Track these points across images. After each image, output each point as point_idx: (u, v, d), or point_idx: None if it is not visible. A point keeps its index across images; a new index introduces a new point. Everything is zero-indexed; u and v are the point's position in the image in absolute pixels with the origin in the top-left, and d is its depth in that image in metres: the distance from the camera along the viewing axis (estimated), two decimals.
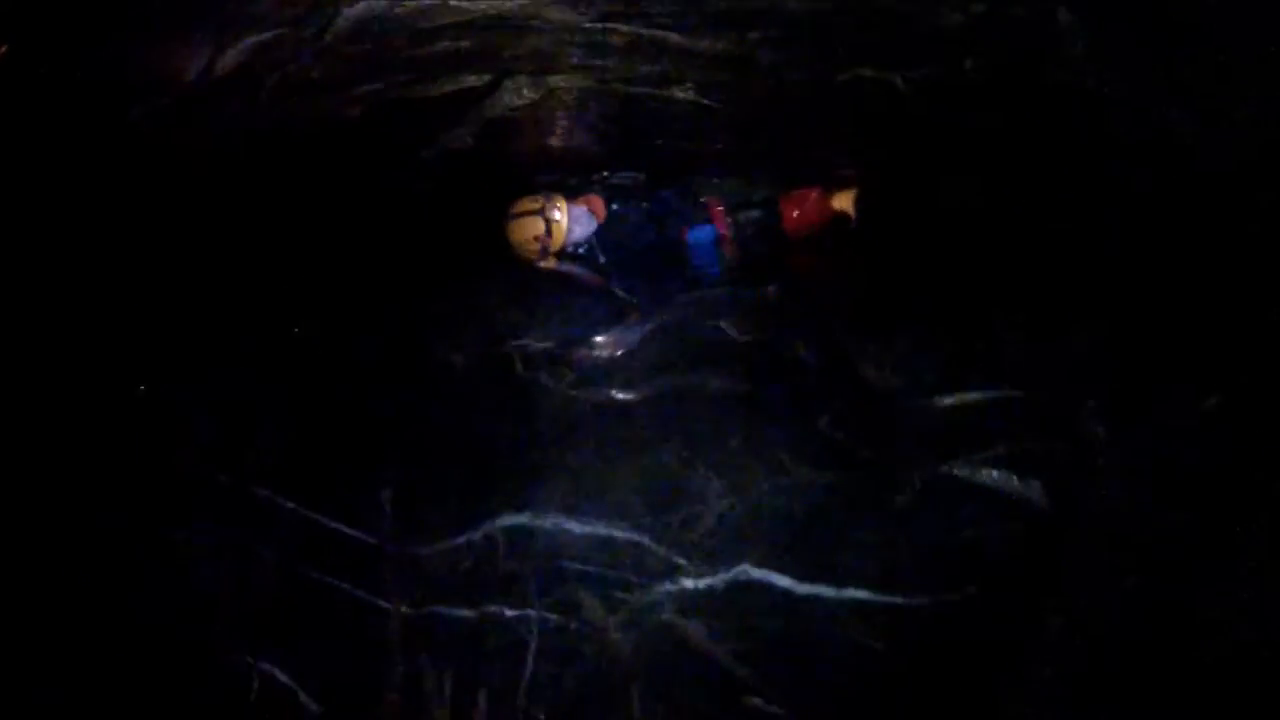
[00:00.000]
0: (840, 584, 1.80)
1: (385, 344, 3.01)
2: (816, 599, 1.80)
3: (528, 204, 3.50)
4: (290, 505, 2.35)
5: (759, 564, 1.88)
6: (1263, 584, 1.66)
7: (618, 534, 2.06)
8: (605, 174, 3.73)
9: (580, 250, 3.57)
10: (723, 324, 2.72)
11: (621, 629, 1.89)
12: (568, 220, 3.46)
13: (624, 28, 2.52)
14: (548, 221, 3.43)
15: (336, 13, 2.36)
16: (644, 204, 3.74)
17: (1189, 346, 2.10)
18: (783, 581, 1.84)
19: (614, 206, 3.70)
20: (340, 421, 2.65)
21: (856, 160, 3.29)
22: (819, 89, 2.77)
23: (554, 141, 3.43)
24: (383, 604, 2.12)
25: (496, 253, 3.37)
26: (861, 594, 1.78)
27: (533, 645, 1.91)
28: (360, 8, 2.35)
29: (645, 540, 2.03)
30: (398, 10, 2.37)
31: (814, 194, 3.56)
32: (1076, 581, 1.78)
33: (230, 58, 2.35)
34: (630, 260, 3.58)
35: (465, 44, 2.61)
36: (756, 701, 1.66)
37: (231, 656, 1.98)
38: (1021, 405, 2.14)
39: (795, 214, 3.60)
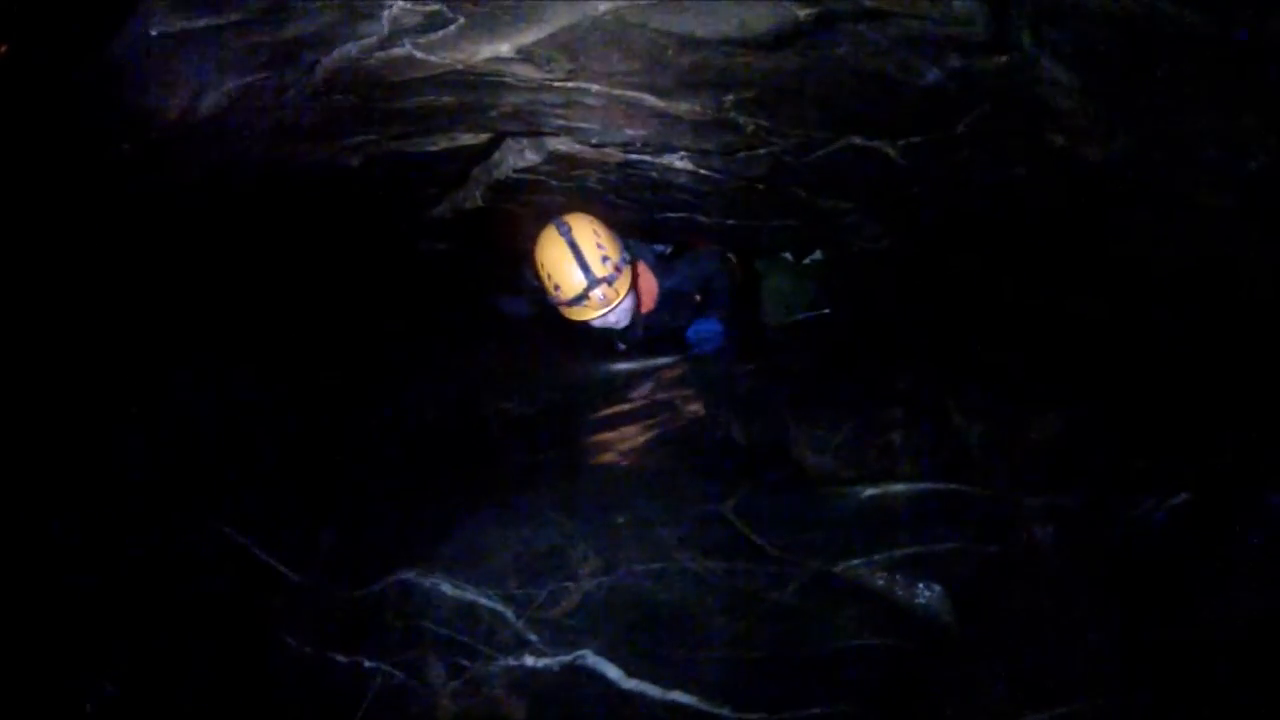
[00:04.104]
0: (668, 684, 1.62)
1: (367, 392, 3.02)
2: (638, 697, 1.63)
3: (592, 255, 2.88)
4: (239, 538, 2.36)
5: (600, 650, 1.74)
6: None
7: (483, 601, 1.96)
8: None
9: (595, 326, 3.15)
10: (676, 397, 2.57)
11: (452, 696, 1.79)
12: (612, 315, 2.99)
13: (595, 87, 2.47)
14: (587, 296, 2.87)
15: (315, 60, 2.42)
16: (696, 294, 3.36)
17: (1157, 444, 1.84)
18: (613, 672, 1.69)
19: (665, 286, 3.29)
20: (306, 460, 2.66)
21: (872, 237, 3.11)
22: (811, 159, 2.64)
23: (566, 206, 3.39)
24: (289, 641, 2.08)
25: (500, 315, 3.35)
26: (686, 699, 1.59)
27: (368, 698, 1.83)
28: (335, 56, 2.41)
29: (507, 612, 1.92)
30: (368, 61, 2.41)
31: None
32: (961, 716, 1.53)
33: (212, 99, 2.44)
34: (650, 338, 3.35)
35: (450, 99, 2.63)
36: None
37: (118, 672, 1.95)
38: (952, 499, 1.92)
39: None
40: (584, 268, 2.89)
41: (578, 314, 2.99)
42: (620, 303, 2.98)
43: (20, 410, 2.47)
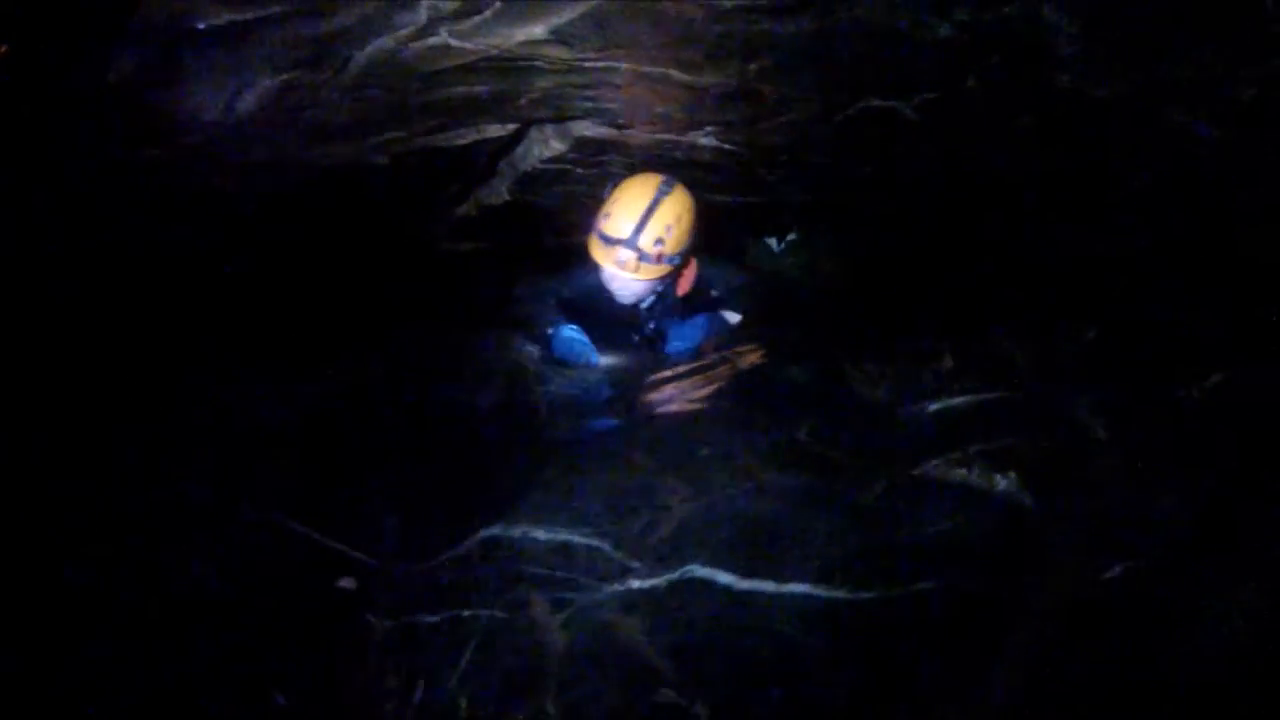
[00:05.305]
0: (782, 580, 1.70)
1: (412, 388, 3.06)
2: (756, 594, 1.70)
3: (654, 228, 2.77)
4: (302, 529, 2.38)
5: (706, 563, 1.80)
6: (1263, 580, 1.49)
7: (578, 539, 2.02)
8: None
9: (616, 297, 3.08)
10: (728, 354, 2.67)
11: (561, 626, 1.83)
12: (615, 281, 2.95)
13: (623, 65, 2.58)
14: (614, 244, 2.81)
15: (350, 56, 2.50)
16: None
17: (1189, 336, 1.99)
18: (725, 579, 1.75)
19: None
20: (364, 455, 2.70)
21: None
22: (831, 124, 2.76)
23: (592, 196, 3.46)
24: (370, 618, 2.11)
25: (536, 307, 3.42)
26: (802, 588, 1.67)
27: (475, 641, 1.87)
28: (370, 50, 2.48)
29: (604, 545, 1.98)
30: (403, 53, 2.48)
31: None
32: (1053, 574, 1.64)
33: (249, 100, 2.51)
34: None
35: (479, 89, 2.72)
36: (669, 694, 1.56)
37: (219, 662, 1.96)
38: (1009, 405, 2.05)
39: None
40: (638, 228, 2.84)
41: (594, 246, 2.96)
42: (630, 279, 2.96)
43: (71, 412, 2.50)
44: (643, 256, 2.85)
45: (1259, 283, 2.21)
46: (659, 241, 2.83)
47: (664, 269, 2.93)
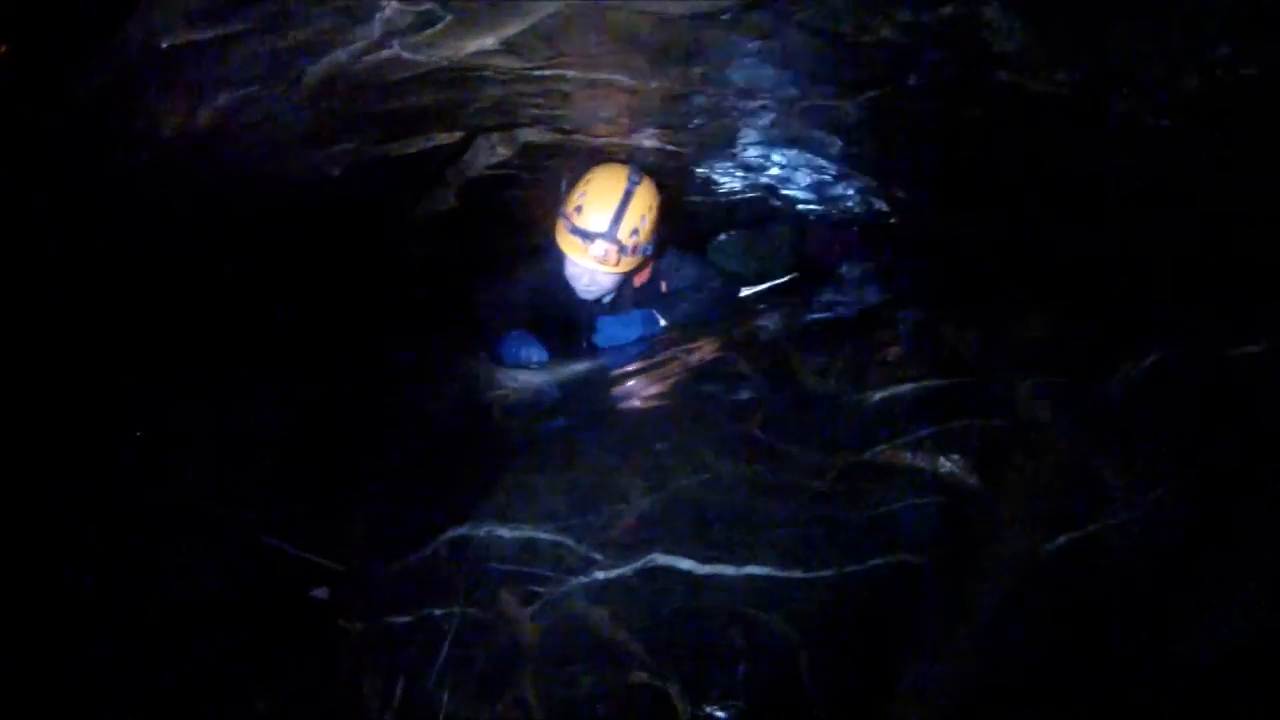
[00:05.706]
0: (741, 563, 1.80)
1: (366, 396, 3.10)
2: (717, 578, 1.80)
3: (630, 220, 2.78)
4: (272, 540, 2.42)
5: (667, 551, 1.90)
6: (1263, 580, 1.59)
7: (542, 536, 2.09)
8: None
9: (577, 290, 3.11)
10: (677, 352, 2.76)
11: (532, 618, 1.91)
12: (585, 276, 2.94)
13: (571, 73, 2.65)
14: (592, 239, 2.79)
15: (302, 70, 2.54)
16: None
17: (1126, 324, 2.12)
18: (686, 565, 1.85)
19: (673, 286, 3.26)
20: (324, 464, 2.74)
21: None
22: (773, 123, 2.86)
23: (540, 201, 3.53)
24: (341, 623, 2.17)
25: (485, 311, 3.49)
26: (761, 570, 1.77)
27: (450, 638, 1.94)
28: (324, 64, 2.52)
29: (567, 540, 2.06)
30: (357, 66, 2.53)
31: None
32: (1001, 550, 1.75)
33: (207, 113, 2.53)
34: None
35: (430, 98, 2.77)
36: (642, 676, 1.65)
37: (218, 662, 2.00)
38: (954, 391, 2.15)
39: None
40: (615, 220, 2.84)
41: (567, 242, 2.94)
42: (601, 273, 2.95)
43: (38, 427, 2.50)
44: (621, 249, 2.86)
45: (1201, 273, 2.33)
46: (635, 232, 2.86)
47: (637, 260, 2.94)
